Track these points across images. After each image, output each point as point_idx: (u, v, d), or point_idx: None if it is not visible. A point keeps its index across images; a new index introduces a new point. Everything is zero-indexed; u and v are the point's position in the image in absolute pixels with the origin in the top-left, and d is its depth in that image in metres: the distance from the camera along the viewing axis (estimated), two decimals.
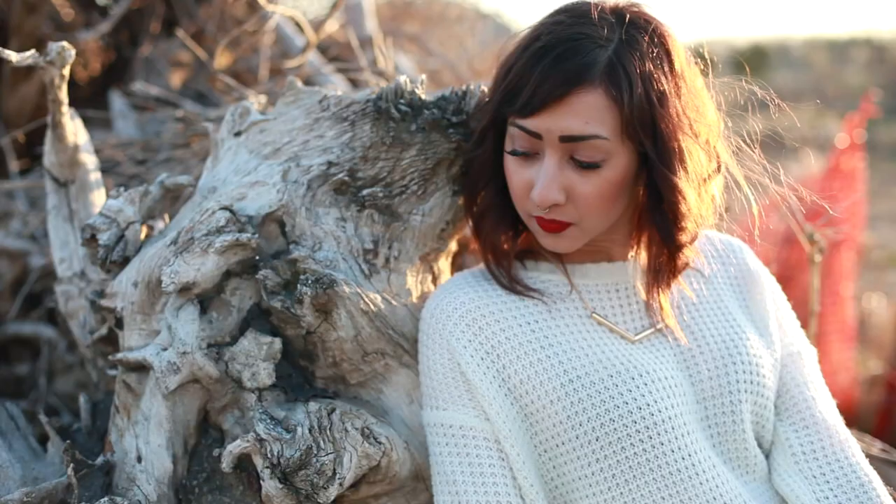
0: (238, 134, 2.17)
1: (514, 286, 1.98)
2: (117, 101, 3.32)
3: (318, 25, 2.93)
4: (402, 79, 2.07)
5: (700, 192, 1.90)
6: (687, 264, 1.98)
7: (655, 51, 1.84)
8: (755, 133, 2.01)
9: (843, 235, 5.47)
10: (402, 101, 2.05)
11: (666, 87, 1.83)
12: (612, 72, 1.79)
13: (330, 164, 2.04)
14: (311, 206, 2.03)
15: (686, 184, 1.85)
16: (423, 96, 2.07)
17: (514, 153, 1.89)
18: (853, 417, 5.85)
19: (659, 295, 1.97)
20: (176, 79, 3.56)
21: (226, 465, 1.90)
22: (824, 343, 5.83)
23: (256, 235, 1.97)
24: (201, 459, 2.01)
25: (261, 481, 1.87)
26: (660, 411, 1.86)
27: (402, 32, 4.02)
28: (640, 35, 1.83)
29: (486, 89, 2.11)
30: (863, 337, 6.76)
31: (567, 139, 1.81)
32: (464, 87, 2.10)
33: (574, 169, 1.84)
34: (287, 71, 2.90)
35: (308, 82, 3.11)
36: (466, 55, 4.16)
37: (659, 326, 1.99)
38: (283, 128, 2.12)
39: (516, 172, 1.90)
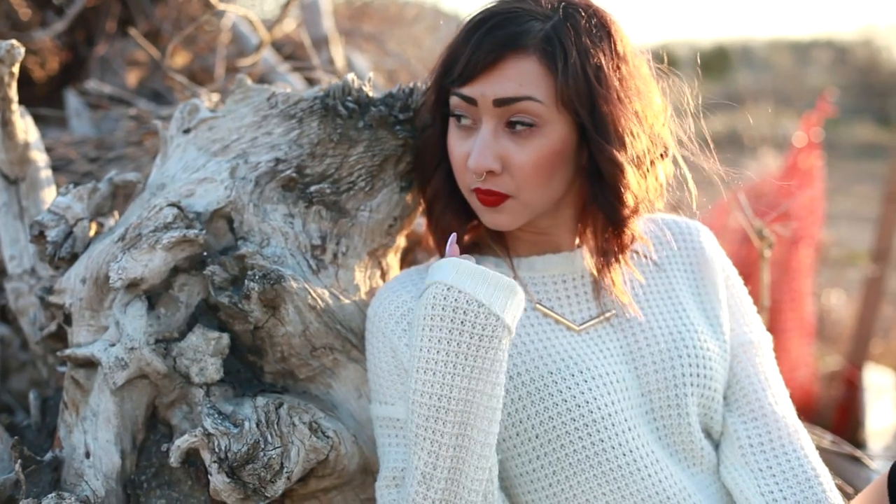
0: (187, 131, 2.18)
1: None
2: (72, 99, 3.32)
3: (271, 24, 2.94)
4: (350, 76, 2.08)
5: (642, 171, 1.92)
6: (633, 239, 1.98)
7: (595, 30, 1.86)
8: (704, 130, 2.03)
9: (792, 231, 5.51)
10: (349, 98, 2.06)
11: (604, 63, 1.85)
12: (547, 42, 1.82)
13: (278, 160, 2.05)
14: (259, 203, 2.04)
15: (624, 158, 1.87)
16: (371, 93, 2.09)
17: (453, 114, 1.91)
18: (812, 413, 5.90)
19: (610, 273, 1.97)
20: (132, 78, 3.56)
21: (174, 459, 1.90)
22: (784, 339, 5.87)
23: (204, 232, 1.98)
24: (150, 455, 2.02)
25: (209, 476, 1.88)
26: (599, 408, 1.87)
27: (359, 32, 4.03)
28: (580, 14, 1.86)
29: (420, 85, 2.13)
30: (822, 333, 6.82)
31: (501, 102, 1.83)
32: (411, 85, 2.12)
33: (510, 137, 1.86)
34: (241, 69, 2.91)
35: (263, 81, 3.12)
36: (424, 55, 4.18)
37: (608, 315, 2.00)
38: (231, 125, 2.13)
39: (456, 146, 1.91)
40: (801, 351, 5.92)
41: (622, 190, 1.88)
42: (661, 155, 1.98)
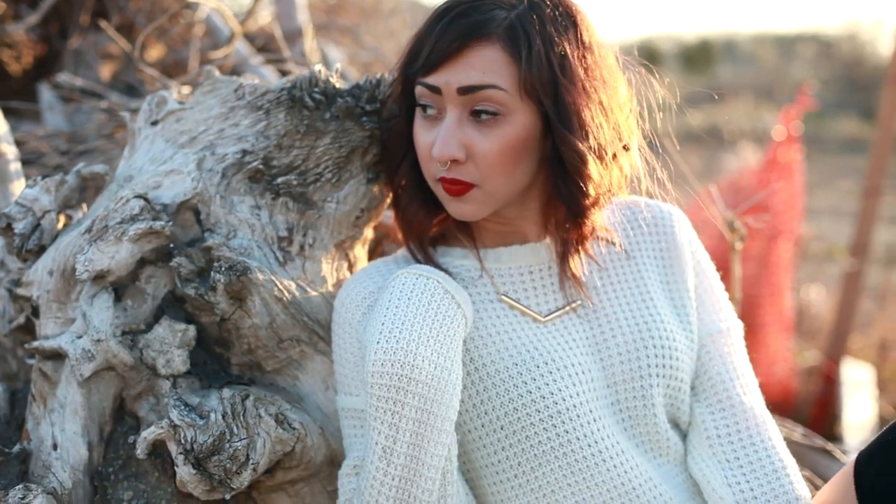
0: (155, 123, 2.17)
1: (428, 264, 1.99)
2: (46, 93, 3.31)
3: (244, 17, 2.94)
4: (317, 68, 2.08)
5: (605, 162, 1.92)
6: (594, 230, 1.98)
7: (560, 19, 1.86)
8: (669, 124, 2.04)
9: (769, 225, 5.53)
10: (316, 89, 2.06)
11: (568, 52, 1.85)
12: (511, 31, 1.82)
13: (245, 152, 2.05)
14: (226, 195, 2.04)
15: (587, 148, 1.87)
16: (338, 85, 2.09)
17: (419, 104, 1.91)
18: (791, 407, 5.93)
19: (570, 264, 1.98)
20: (106, 71, 3.55)
21: (140, 451, 1.90)
22: (762, 334, 5.90)
23: (170, 223, 1.97)
24: (117, 446, 2.01)
25: (175, 467, 1.87)
26: (564, 399, 1.88)
27: (335, 25, 4.03)
28: (545, 4, 1.86)
29: (388, 76, 2.13)
30: (801, 328, 6.84)
31: (464, 90, 1.83)
32: (378, 76, 2.12)
33: (474, 126, 1.86)
34: (213, 62, 2.90)
35: (236, 73, 3.11)
36: (400, 48, 4.17)
37: (574, 305, 2.00)
38: (199, 117, 2.12)
39: (421, 136, 1.91)
40: (780, 345, 5.94)
41: (584, 180, 1.89)
42: (626, 147, 1.98)
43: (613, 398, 1.96)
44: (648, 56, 2.02)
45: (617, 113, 1.93)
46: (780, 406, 5.87)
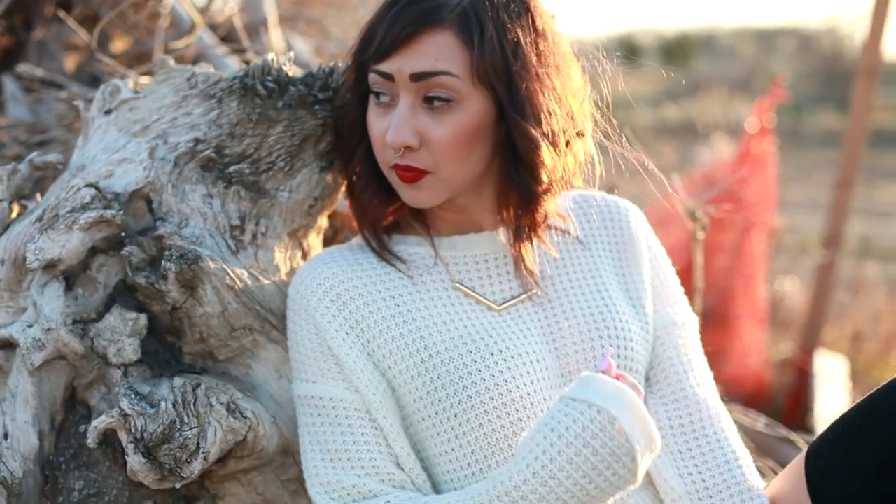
0: (108, 112, 2.16)
1: (382, 252, 2.00)
2: (9, 84, 3.30)
3: (205, 7, 2.93)
4: (271, 56, 2.08)
5: (558, 149, 1.92)
6: (546, 217, 1.98)
7: (513, 6, 1.86)
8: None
9: (727, 213, 5.54)
10: (269, 78, 2.06)
11: (521, 38, 1.85)
12: (463, 17, 1.82)
13: (197, 140, 2.05)
14: (178, 183, 2.03)
15: (540, 135, 1.87)
16: (291, 73, 2.08)
17: (372, 92, 1.91)
18: (764, 399, 5.95)
19: (522, 251, 1.98)
20: (70, 62, 3.53)
21: (91, 440, 1.90)
22: (736, 326, 5.92)
23: (122, 212, 1.97)
24: (69, 436, 2.01)
25: (126, 456, 1.87)
26: (518, 387, 1.88)
27: (303, 16, 4.02)
28: None
29: (341, 64, 2.13)
30: (776, 320, 6.87)
31: (417, 77, 1.83)
32: (331, 64, 2.12)
33: (427, 112, 1.86)
34: (174, 52, 2.89)
35: (198, 64, 3.10)
36: None
37: (530, 293, 2.00)
38: (152, 105, 2.12)
39: (375, 123, 1.91)
40: (754, 337, 5.96)
41: (537, 167, 1.88)
42: (580, 133, 1.98)
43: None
44: (628, 50, 2.02)
45: (570, 100, 1.93)
46: (754, 398, 5.89)
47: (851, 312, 6.83)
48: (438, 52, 1.82)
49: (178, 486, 1.89)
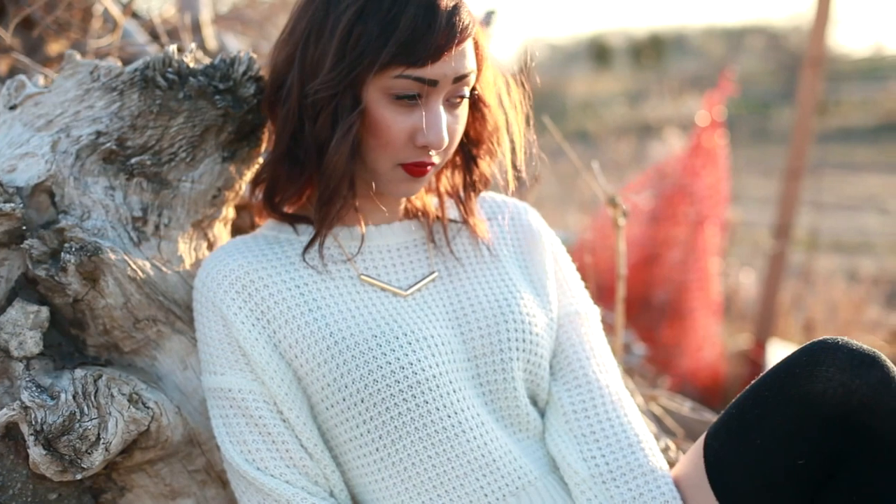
0: (13, 108, 2.16)
1: (297, 241, 2.03)
2: None
3: (126, 4, 2.93)
4: (171, 48, 2.08)
5: (497, 135, 2.06)
6: (483, 178, 2.10)
7: None
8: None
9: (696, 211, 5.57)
10: (169, 69, 2.06)
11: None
12: (475, 18, 1.91)
13: (99, 133, 2.05)
14: (80, 176, 2.04)
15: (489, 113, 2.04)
16: (192, 65, 2.09)
17: (402, 97, 1.88)
18: (720, 391, 5.97)
19: (464, 209, 2.11)
20: (3, 65, 3.52)
21: None
22: (691, 319, 5.95)
23: (22, 206, 1.97)
24: None
25: (27, 449, 1.88)
26: (423, 370, 1.89)
27: (242, 17, 4.02)
28: None
29: (254, 56, 2.13)
30: (733, 312, 6.90)
31: (460, 78, 1.90)
32: (232, 55, 2.12)
33: (448, 109, 1.93)
34: (98, 51, 2.89)
35: (131, 62, 3.10)
36: None
37: (432, 276, 2.05)
38: (56, 100, 2.12)
39: (397, 122, 1.89)
40: (708, 330, 5.99)
41: (481, 139, 2.08)
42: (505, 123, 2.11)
43: (474, 371, 1.98)
44: (599, 51, 2.06)
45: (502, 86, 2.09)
46: (709, 390, 5.92)
47: (806, 302, 6.86)
48: (469, 51, 1.92)
49: (79, 477, 1.89)
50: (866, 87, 20.18)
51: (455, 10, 1.85)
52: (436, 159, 1.94)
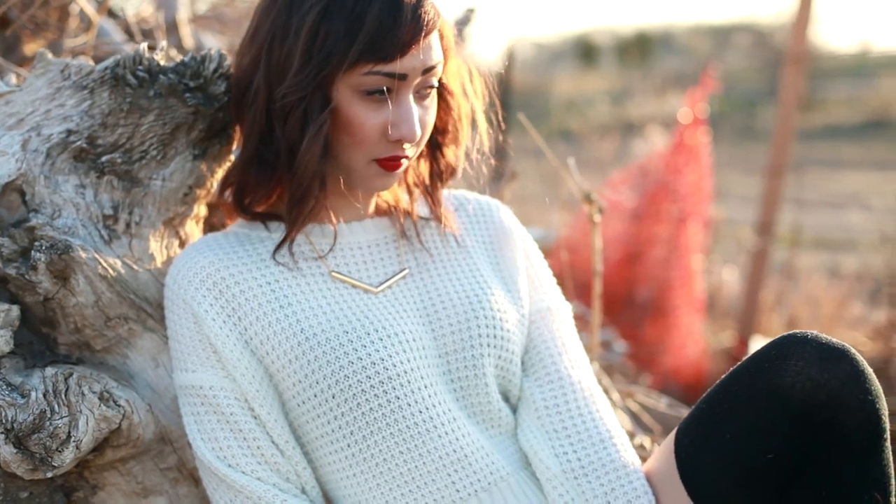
0: None
1: (269, 239, 2.03)
2: None
3: (101, 3, 2.93)
4: (142, 46, 2.08)
5: (461, 122, 2.08)
6: (450, 167, 2.11)
7: None
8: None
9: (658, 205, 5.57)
10: (140, 67, 2.06)
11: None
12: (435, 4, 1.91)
13: (69, 132, 2.04)
14: (51, 175, 2.03)
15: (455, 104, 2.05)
16: (163, 63, 2.09)
17: (372, 93, 1.88)
18: (702, 388, 5.97)
19: (432, 200, 2.12)
20: None
21: None
22: (674, 316, 5.95)
23: None
24: None
25: None
26: (394, 365, 1.90)
27: (220, 16, 4.02)
28: None
29: (225, 53, 2.13)
30: (716, 310, 6.90)
31: (429, 69, 1.91)
32: (203, 53, 2.12)
33: (418, 101, 1.94)
34: (74, 50, 2.89)
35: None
36: None
37: (403, 272, 2.05)
38: (27, 98, 2.11)
39: (370, 118, 1.89)
40: (692, 328, 5.99)
41: (449, 130, 2.09)
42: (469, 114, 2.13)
43: (445, 367, 1.98)
44: (586, 50, 2.07)
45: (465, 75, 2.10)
46: (693, 387, 5.92)
47: (789, 299, 6.88)
48: (436, 43, 1.92)
49: (50, 475, 1.89)
50: (852, 85, 20.24)
51: (419, 2, 1.85)
52: (409, 152, 1.95)
